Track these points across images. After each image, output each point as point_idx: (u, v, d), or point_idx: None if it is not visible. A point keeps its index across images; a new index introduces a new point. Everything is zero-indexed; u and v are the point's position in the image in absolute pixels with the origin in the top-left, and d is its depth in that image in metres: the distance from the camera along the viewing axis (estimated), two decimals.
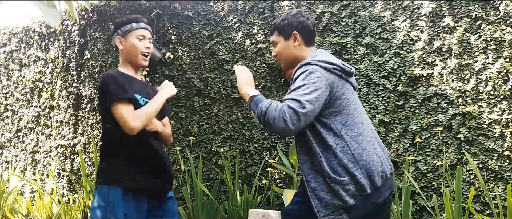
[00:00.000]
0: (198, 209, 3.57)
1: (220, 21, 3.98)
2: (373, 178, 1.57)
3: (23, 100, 5.31)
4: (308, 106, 1.50)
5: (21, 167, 5.23)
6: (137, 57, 1.95)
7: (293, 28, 1.74)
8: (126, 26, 1.97)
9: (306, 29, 1.74)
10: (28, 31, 5.33)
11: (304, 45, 1.75)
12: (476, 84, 2.97)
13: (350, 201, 1.53)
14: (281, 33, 1.76)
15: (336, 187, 1.54)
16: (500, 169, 2.86)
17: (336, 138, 1.56)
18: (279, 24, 1.77)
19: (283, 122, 1.49)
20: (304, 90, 1.53)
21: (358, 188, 1.55)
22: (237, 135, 3.82)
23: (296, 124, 1.49)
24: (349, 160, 1.55)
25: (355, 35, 3.39)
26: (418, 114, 3.13)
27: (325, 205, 1.55)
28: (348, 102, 1.60)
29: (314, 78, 1.55)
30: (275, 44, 1.80)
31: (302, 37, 1.74)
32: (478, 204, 2.91)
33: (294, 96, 1.53)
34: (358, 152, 1.57)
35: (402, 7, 3.24)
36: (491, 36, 2.93)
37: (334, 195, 1.54)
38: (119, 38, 1.97)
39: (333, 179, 1.54)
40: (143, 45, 1.96)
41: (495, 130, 2.89)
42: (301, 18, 1.75)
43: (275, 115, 1.51)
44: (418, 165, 3.09)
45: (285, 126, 1.50)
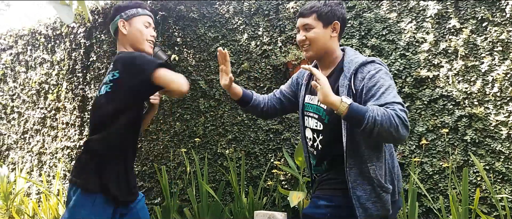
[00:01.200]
0: (204, 210, 3.57)
1: (225, 23, 3.99)
2: (399, 183, 1.61)
3: (29, 102, 5.35)
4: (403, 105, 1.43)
5: (28, 168, 5.26)
6: (143, 43, 1.81)
7: (336, 17, 1.61)
8: (132, 10, 1.82)
9: (345, 23, 1.66)
10: (34, 34, 5.36)
11: (338, 38, 1.65)
12: (482, 85, 2.96)
13: (391, 210, 1.53)
14: (320, 18, 1.60)
15: (385, 197, 1.49)
16: (507, 171, 2.85)
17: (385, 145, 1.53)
18: (321, 9, 1.60)
19: (406, 128, 1.38)
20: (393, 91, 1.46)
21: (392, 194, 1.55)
22: (242, 137, 3.83)
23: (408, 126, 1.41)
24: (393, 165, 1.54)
25: (361, 37, 3.39)
26: (424, 115, 3.12)
27: (369, 215, 1.49)
28: None
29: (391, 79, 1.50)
30: (309, 28, 1.61)
31: (340, 29, 1.64)
32: (485, 206, 2.90)
33: (394, 99, 1.42)
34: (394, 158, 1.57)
35: (407, 9, 3.24)
36: (498, 37, 2.92)
37: (382, 205, 1.50)
38: (122, 22, 1.81)
39: (383, 187, 1.49)
40: (148, 32, 1.83)
41: (501, 132, 2.88)
42: (343, 10, 1.64)
43: (397, 123, 1.36)
44: (424, 167, 3.09)
45: (407, 132, 1.39)
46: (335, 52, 1.64)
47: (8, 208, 4.52)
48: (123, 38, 1.82)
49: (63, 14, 1.23)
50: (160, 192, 4.14)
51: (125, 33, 1.81)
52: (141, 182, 4.28)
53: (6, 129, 5.58)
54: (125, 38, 1.82)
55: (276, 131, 3.68)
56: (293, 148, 3.58)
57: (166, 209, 3.76)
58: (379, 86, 1.44)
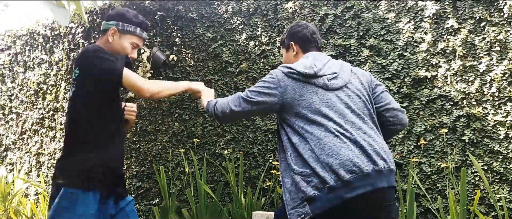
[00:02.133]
0: (202, 211, 3.57)
1: (223, 23, 3.98)
2: (337, 171, 1.58)
3: (27, 102, 5.34)
4: (250, 95, 1.75)
5: (26, 169, 5.25)
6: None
7: (289, 39, 1.93)
8: (131, 27, 1.79)
9: (301, 38, 1.92)
10: (33, 34, 5.36)
11: (301, 52, 1.92)
12: (480, 85, 2.96)
13: (311, 192, 1.59)
14: (283, 46, 1.99)
15: (297, 179, 1.64)
16: (505, 171, 2.85)
17: (299, 136, 1.69)
18: (281, 38, 2.00)
19: (227, 104, 1.79)
20: (255, 85, 1.79)
21: (321, 180, 1.59)
22: (240, 137, 3.82)
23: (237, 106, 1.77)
24: (309, 155, 1.64)
25: (359, 37, 3.39)
26: (422, 116, 3.12)
27: (292, 198, 1.65)
28: (307, 103, 1.71)
29: (268, 78, 1.78)
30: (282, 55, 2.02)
31: (298, 46, 1.92)
32: (483, 206, 2.90)
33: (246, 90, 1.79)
34: (319, 147, 1.64)
35: (405, 9, 3.24)
36: (495, 37, 2.92)
37: (296, 187, 1.64)
38: (114, 30, 1.77)
39: (295, 170, 1.66)
40: (131, 52, 1.81)
41: (499, 132, 2.88)
42: (296, 29, 1.93)
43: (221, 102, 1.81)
44: (423, 167, 3.09)
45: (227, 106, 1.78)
46: None
47: (6, 209, 4.51)
48: (106, 42, 1.79)
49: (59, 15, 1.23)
50: (159, 192, 4.13)
51: (111, 41, 1.78)
52: (139, 182, 4.27)
53: (4, 129, 5.57)
54: (108, 44, 1.79)
55: (274, 132, 3.68)
56: None
57: (164, 210, 3.75)
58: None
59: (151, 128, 4.25)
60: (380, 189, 1.60)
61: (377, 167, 1.61)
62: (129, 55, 1.80)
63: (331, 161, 1.59)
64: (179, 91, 1.90)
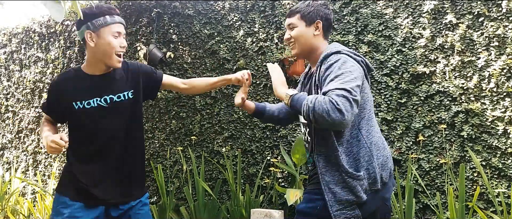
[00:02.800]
0: (200, 208, 3.56)
1: (221, 19, 3.96)
2: (382, 174, 1.60)
3: (24, 101, 5.30)
4: (356, 92, 1.43)
5: (23, 168, 5.22)
6: (111, 57, 1.71)
7: (318, 17, 1.70)
8: (99, 19, 1.69)
9: (328, 22, 1.73)
10: (28, 32, 5.32)
11: (322, 36, 1.72)
12: (479, 81, 2.95)
13: (364, 197, 1.54)
14: (303, 17, 1.70)
15: (351, 183, 1.53)
16: (503, 166, 2.85)
17: (354, 131, 1.56)
18: (304, 9, 1.71)
19: (338, 112, 1.38)
20: (345, 78, 1.46)
21: (371, 183, 1.56)
22: (238, 135, 3.81)
23: (350, 111, 1.40)
24: (365, 153, 1.55)
25: (357, 33, 3.37)
26: (420, 111, 3.11)
27: (338, 200, 1.54)
28: (367, 97, 1.61)
29: (350, 67, 1.52)
30: (293, 27, 1.72)
31: (323, 28, 1.71)
32: (481, 201, 2.90)
33: (338, 85, 1.44)
34: (375, 146, 1.58)
35: (404, 4, 3.22)
36: (494, 33, 2.91)
37: (349, 191, 1.53)
38: (89, 33, 1.69)
39: (349, 174, 1.53)
40: (119, 43, 1.71)
41: (498, 128, 2.87)
42: (327, 10, 1.73)
43: (328, 107, 1.39)
44: (421, 163, 3.08)
45: (341, 115, 1.38)
46: (319, 48, 1.72)
47: (3, 208, 4.48)
48: (90, 49, 1.73)
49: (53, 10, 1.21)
50: (156, 190, 4.12)
51: (93, 45, 1.70)
52: None
53: (1, 128, 5.53)
54: (93, 51, 1.72)
55: (272, 129, 3.66)
56: (290, 145, 3.56)
57: (162, 208, 3.74)
58: (331, 75, 1.51)
59: (148, 126, 4.23)
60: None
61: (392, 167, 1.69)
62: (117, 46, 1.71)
63: (382, 162, 1.60)
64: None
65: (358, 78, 1.49)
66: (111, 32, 1.70)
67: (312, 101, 1.43)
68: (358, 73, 1.51)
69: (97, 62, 1.75)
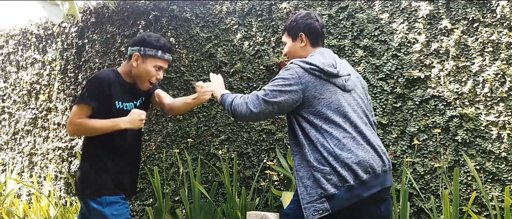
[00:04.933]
0: (196, 211, 3.56)
1: (218, 23, 3.98)
2: (356, 171, 1.64)
3: (20, 102, 5.30)
4: (270, 95, 1.68)
5: (18, 169, 5.21)
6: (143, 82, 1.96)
7: (300, 30, 1.84)
8: (152, 50, 1.92)
9: (313, 31, 1.84)
10: (26, 33, 5.32)
11: (309, 45, 1.85)
12: (473, 86, 2.98)
13: (331, 190, 1.62)
14: (289, 33, 1.88)
15: (317, 175, 1.64)
16: (497, 170, 2.87)
17: (317, 133, 1.68)
18: (289, 25, 1.88)
19: (245, 105, 1.71)
20: (273, 83, 1.71)
21: (340, 179, 1.63)
22: (235, 137, 3.82)
23: (257, 108, 1.70)
24: (329, 153, 1.65)
25: (353, 37, 3.40)
26: (415, 116, 3.14)
27: (309, 193, 1.65)
28: (327, 101, 1.69)
29: (287, 75, 1.70)
30: (284, 44, 1.91)
31: (308, 38, 1.84)
32: (475, 205, 2.92)
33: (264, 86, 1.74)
34: (339, 147, 1.65)
35: (399, 10, 3.25)
36: (488, 38, 2.95)
37: (316, 183, 1.64)
38: (137, 56, 1.92)
39: (316, 168, 1.65)
40: (155, 75, 1.95)
41: (492, 132, 2.90)
42: (308, 20, 1.85)
43: (238, 102, 1.74)
44: (416, 167, 3.10)
45: (246, 108, 1.71)
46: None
47: None
48: (131, 67, 1.96)
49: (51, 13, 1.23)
50: (152, 193, 4.12)
51: (134, 65, 1.94)
52: None
53: None
54: (132, 69, 1.95)
55: (269, 132, 3.68)
56: (286, 148, 3.58)
57: (158, 210, 3.74)
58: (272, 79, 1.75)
59: (145, 128, 4.24)
60: (387, 187, 1.73)
61: (384, 167, 1.72)
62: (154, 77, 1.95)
63: (350, 161, 1.64)
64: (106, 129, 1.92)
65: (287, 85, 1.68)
66: (155, 64, 1.94)
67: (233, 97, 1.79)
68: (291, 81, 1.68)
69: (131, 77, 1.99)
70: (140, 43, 1.93)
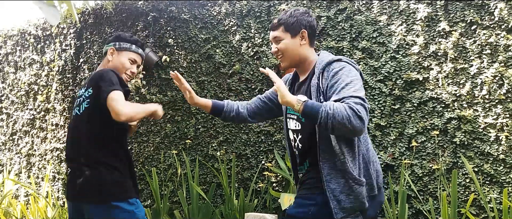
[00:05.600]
0: (194, 212, 3.56)
1: (217, 24, 3.98)
2: (379, 178, 1.64)
3: (18, 103, 5.28)
4: (366, 101, 1.47)
5: (16, 170, 5.19)
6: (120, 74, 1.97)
7: (302, 26, 1.69)
8: (126, 44, 2.00)
9: (313, 29, 1.73)
10: (24, 34, 5.31)
11: (309, 45, 1.72)
12: (471, 88, 2.98)
13: (367, 204, 1.57)
14: (288, 29, 1.69)
15: (358, 189, 1.54)
16: (495, 172, 2.88)
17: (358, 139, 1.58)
18: (287, 20, 1.69)
19: (359, 119, 1.40)
20: (355, 86, 1.49)
21: (368, 189, 1.59)
22: (233, 139, 3.82)
23: (367, 119, 1.44)
24: (363, 160, 1.58)
25: (352, 39, 3.41)
26: (414, 118, 3.14)
27: (342, 207, 1.54)
28: None
29: (356, 75, 1.54)
30: (279, 40, 1.71)
31: (309, 36, 1.71)
32: (473, 207, 2.92)
33: (352, 93, 1.46)
34: (371, 153, 1.61)
35: (398, 12, 3.26)
36: (486, 40, 2.95)
37: (354, 198, 1.54)
38: (112, 49, 2.00)
39: (356, 180, 1.54)
40: (130, 67, 2.00)
41: (490, 134, 2.91)
42: (309, 18, 1.72)
43: (349, 114, 1.40)
44: (414, 169, 3.10)
45: (361, 123, 1.41)
46: (309, 57, 1.72)
47: None
48: (107, 62, 2.01)
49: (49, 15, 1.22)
50: (150, 194, 4.11)
51: (110, 59, 1.99)
52: None
53: None
54: (109, 63, 2.00)
55: (267, 133, 3.68)
56: (284, 150, 3.58)
57: (156, 212, 3.73)
58: (340, 82, 1.51)
59: (143, 129, 4.23)
60: None
61: None
62: (128, 70, 1.99)
63: (378, 168, 1.63)
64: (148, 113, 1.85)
65: (362, 87, 1.53)
66: (129, 56, 2.00)
67: (331, 108, 1.42)
68: (361, 82, 1.56)
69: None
70: (114, 39, 2.01)
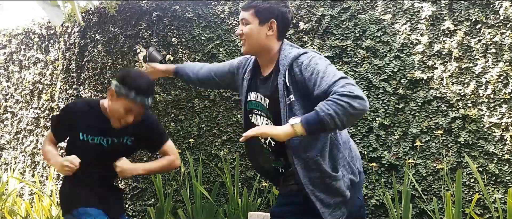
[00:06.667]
0: (198, 211, 3.56)
1: (220, 23, 3.98)
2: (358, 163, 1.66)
3: (22, 101, 5.31)
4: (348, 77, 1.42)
5: (21, 169, 5.22)
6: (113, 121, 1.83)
7: (273, 16, 1.58)
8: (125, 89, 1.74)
9: (285, 22, 1.61)
10: (28, 33, 5.33)
11: (276, 37, 1.60)
12: (476, 87, 2.97)
13: (348, 194, 1.58)
14: (257, 14, 1.58)
15: (335, 185, 1.54)
16: (500, 172, 2.86)
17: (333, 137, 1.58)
18: (259, 5, 1.58)
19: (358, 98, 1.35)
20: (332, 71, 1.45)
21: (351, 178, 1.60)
22: (237, 138, 3.82)
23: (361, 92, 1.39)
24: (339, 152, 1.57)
25: (355, 38, 3.39)
26: (418, 117, 3.13)
27: (327, 204, 1.54)
28: None
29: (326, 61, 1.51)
30: (246, 23, 1.61)
31: (278, 28, 1.59)
32: (478, 207, 2.91)
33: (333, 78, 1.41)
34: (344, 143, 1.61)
35: (402, 10, 3.24)
36: (491, 39, 2.93)
37: (333, 193, 1.55)
38: (112, 92, 1.78)
39: (330, 176, 1.52)
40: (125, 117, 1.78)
41: (495, 134, 2.89)
42: (284, 8, 1.60)
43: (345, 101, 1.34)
44: (418, 168, 3.09)
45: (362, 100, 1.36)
46: (273, 50, 1.62)
47: (1, 209, 4.48)
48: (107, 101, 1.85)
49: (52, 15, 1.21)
50: (154, 193, 4.12)
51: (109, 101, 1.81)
52: (134, 183, 4.26)
53: None
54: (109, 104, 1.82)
55: None
56: None
57: (160, 210, 3.74)
58: (316, 73, 1.45)
59: None
60: None
61: None
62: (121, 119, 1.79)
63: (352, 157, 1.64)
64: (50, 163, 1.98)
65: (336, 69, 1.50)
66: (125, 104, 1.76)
67: (329, 109, 1.36)
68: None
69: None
70: (119, 79, 1.79)
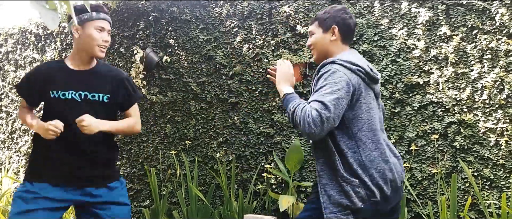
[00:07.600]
0: (193, 213, 3.55)
1: (218, 25, 3.98)
2: (382, 187, 1.60)
3: (18, 101, 5.28)
4: (331, 108, 1.48)
5: (15, 169, 5.18)
6: (93, 48, 1.87)
7: (334, 22, 1.75)
8: (85, 15, 1.85)
9: (346, 27, 1.76)
10: (25, 32, 5.31)
11: (340, 41, 1.75)
12: (472, 92, 2.99)
13: (358, 204, 1.57)
14: (321, 24, 1.77)
15: (346, 187, 1.57)
16: (495, 177, 2.88)
17: (350, 140, 1.59)
18: (321, 16, 1.79)
19: (307, 124, 1.48)
20: (326, 90, 1.53)
21: (368, 193, 1.58)
22: (233, 140, 3.82)
23: (320, 127, 1.47)
24: (358, 165, 1.58)
25: (352, 42, 3.41)
26: (414, 121, 3.14)
27: (333, 202, 1.58)
28: (367, 107, 1.62)
29: (336, 78, 1.55)
30: (311, 34, 1.81)
31: (340, 33, 1.74)
32: (472, 212, 2.92)
33: (317, 97, 1.52)
34: (369, 159, 1.59)
35: (399, 15, 3.26)
36: (487, 45, 2.96)
37: (344, 195, 1.57)
38: (75, 27, 1.87)
39: (345, 178, 1.57)
40: (101, 37, 1.87)
41: (490, 139, 2.91)
42: (343, 15, 1.76)
43: (301, 117, 1.50)
44: (414, 173, 3.10)
45: (309, 129, 1.48)
46: (336, 53, 1.76)
47: None
48: (75, 41, 1.91)
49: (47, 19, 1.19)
50: (149, 194, 4.10)
51: (77, 36, 1.88)
52: (130, 184, 4.24)
53: None
54: (77, 42, 1.89)
55: (267, 135, 3.67)
56: (284, 152, 3.58)
57: (155, 212, 3.72)
58: (320, 85, 1.58)
59: (143, 130, 4.23)
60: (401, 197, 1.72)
61: (402, 178, 1.71)
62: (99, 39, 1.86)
63: (377, 175, 1.59)
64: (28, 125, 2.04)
65: (341, 90, 1.52)
66: (94, 26, 1.86)
67: (294, 107, 1.55)
68: (343, 84, 1.53)
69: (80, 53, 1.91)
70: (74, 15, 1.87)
